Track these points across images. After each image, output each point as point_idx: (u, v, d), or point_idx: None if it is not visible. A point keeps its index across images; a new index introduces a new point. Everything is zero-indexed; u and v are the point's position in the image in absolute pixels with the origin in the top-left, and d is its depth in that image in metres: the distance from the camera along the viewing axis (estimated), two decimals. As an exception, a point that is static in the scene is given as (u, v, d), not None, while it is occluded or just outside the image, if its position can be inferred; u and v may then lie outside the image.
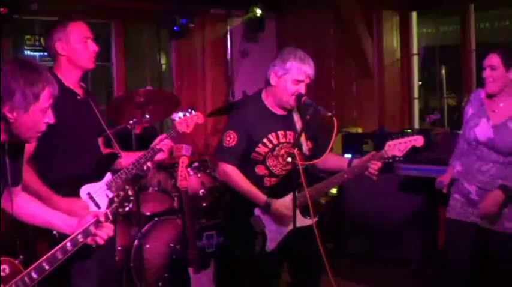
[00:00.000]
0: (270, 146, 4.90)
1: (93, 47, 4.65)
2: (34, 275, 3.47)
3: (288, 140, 4.93)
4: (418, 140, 4.85)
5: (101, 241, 3.68)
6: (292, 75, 4.79)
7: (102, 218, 3.66)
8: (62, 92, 4.26)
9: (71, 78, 4.61)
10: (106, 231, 3.67)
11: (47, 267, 3.50)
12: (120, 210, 3.76)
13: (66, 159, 4.52)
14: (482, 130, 5.18)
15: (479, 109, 5.26)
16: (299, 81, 4.80)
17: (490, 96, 5.21)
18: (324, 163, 5.06)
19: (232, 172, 4.91)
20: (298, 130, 4.89)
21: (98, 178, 4.60)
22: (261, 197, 4.84)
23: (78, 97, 4.65)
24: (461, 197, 5.33)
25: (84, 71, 4.69)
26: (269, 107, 4.96)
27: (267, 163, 4.93)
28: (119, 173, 4.67)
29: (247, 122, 4.92)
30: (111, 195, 4.49)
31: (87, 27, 4.70)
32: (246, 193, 4.87)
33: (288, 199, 4.75)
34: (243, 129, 4.89)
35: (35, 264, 3.48)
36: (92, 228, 3.63)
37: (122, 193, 3.78)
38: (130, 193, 3.81)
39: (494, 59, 5.10)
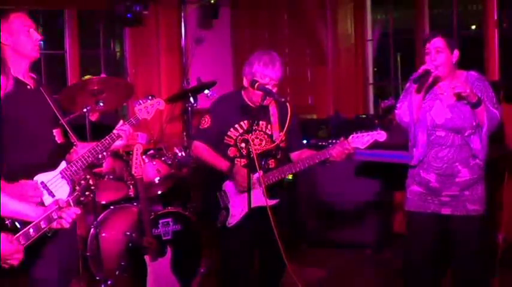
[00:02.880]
0: (241, 131, 5.35)
1: (36, 36, 4.66)
2: None
3: (259, 128, 5.39)
4: (381, 135, 5.13)
5: (66, 224, 3.75)
6: (257, 79, 5.19)
7: (63, 205, 3.74)
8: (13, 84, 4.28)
9: (19, 69, 4.60)
10: (70, 214, 3.74)
11: None
12: (82, 199, 3.86)
13: (20, 150, 4.49)
14: (438, 112, 5.18)
15: (431, 92, 5.25)
16: (264, 84, 5.17)
17: (436, 80, 5.20)
18: (299, 157, 5.47)
19: (201, 147, 5.45)
20: (272, 122, 5.39)
21: (52, 167, 4.57)
22: (225, 162, 5.34)
23: (28, 87, 4.64)
24: (420, 187, 5.32)
25: (30, 60, 4.69)
26: (246, 100, 5.43)
27: (238, 146, 5.36)
28: (74, 161, 4.63)
29: (222, 110, 5.46)
30: (66, 184, 4.51)
31: (29, 17, 4.71)
32: (212, 162, 5.40)
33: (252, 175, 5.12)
34: (217, 115, 5.43)
35: None
36: (54, 214, 3.69)
37: (83, 182, 3.84)
38: (91, 182, 3.92)
39: (439, 42, 5.11)
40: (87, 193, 3.87)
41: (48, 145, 4.68)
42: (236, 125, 5.37)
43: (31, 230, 3.59)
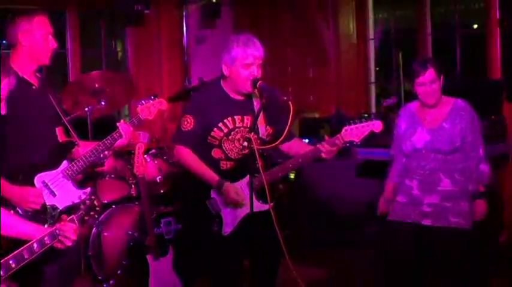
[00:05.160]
0: (225, 130, 4.91)
1: (53, 43, 4.68)
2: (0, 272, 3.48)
3: (245, 125, 4.94)
4: (376, 125, 4.73)
5: (68, 243, 3.78)
6: (240, 62, 4.80)
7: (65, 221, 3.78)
8: (17, 83, 4.30)
9: (26, 69, 4.63)
10: (71, 232, 3.77)
11: (13, 265, 3.53)
12: (86, 218, 3.86)
13: (22, 149, 4.50)
14: (418, 136, 5.19)
15: (412, 122, 5.28)
16: (249, 65, 4.81)
17: (430, 107, 5.22)
18: (289, 149, 5.11)
19: (186, 154, 4.94)
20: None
21: (54, 166, 4.58)
22: (214, 176, 4.85)
23: (33, 87, 4.65)
24: (404, 197, 5.30)
25: (40, 64, 4.71)
26: (227, 92, 4.97)
27: (223, 147, 4.94)
28: (75, 160, 4.63)
29: (203, 106, 4.95)
30: (67, 183, 4.51)
31: (50, 22, 4.72)
32: (199, 174, 4.90)
33: (239, 185, 4.83)
34: (199, 113, 4.92)
35: (1, 261, 3.49)
36: (57, 231, 3.71)
37: (88, 202, 3.84)
38: (96, 203, 3.92)
39: (431, 75, 5.09)
40: (91, 213, 3.88)
41: (51, 144, 4.70)
42: (220, 124, 4.91)
43: (35, 245, 3.62)
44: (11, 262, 3.51)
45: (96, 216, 3.95)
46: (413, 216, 5.22)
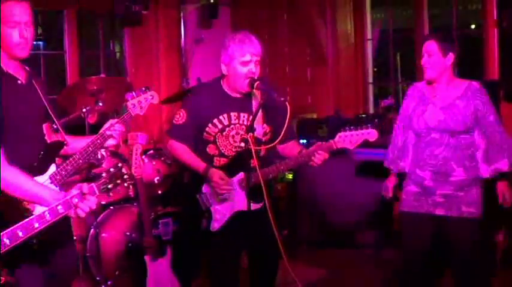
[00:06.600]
0: (220, 126, 4.92)
1: (26, 34, 4.17)
2: (6, 241, 3.31)
3: (241, 122, 4.94)
4: (371, 134, 4.69)
5: (81, 214, 3.54)
6: (237, 59, 4.79)
7: (85, 191, 3.52)
8: (2, 79, 4.10)
9: (8, 64, 4.23)
10: (88, 203, 3.52)
11: (21, 234, 3.37)
12: (110, 186, 3.64)
13: (7, 148, 3.94)
14: (431, 114, 5.18)
15: (421, 99, 5.28)
16: (247, 62, 4.80)
17: (429, 83, 5.23)
18: (283, 150, 5.11)
19: (176, 146, 5.03)
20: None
21: (41, 169, 4.23)
22: (201, 164, 4.90)
23: (19, 82, 4.27)
24: (415, 187, 5.29)
25: (18, 58, 4.25)
26: (226, 90, 4.96)
27: (218, 143, 4.95)
28: (64, 164, 4.31)
29: (199, 102, 4.98)
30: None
31: (24, 10, 4.20)
32: (188, 163, 4.99)
33: (232, 178, 4.83)
34: (193, 109, 4.96)
35: (8, 230, 3.32)
36: (74, 200, 3.49)
37: (112, 170, 3.67)
38: (124, 170, 3.69)
39: (430, 45, 5.10)
40: (118, 181, 3.65)
41: (38, 143, 4.32)
42: (215, 120, 4.90)
43: (47, 214, 3.42)
44: (18, 230, 3.34)
45: (125, 185, 3.68)
46: (425, 207, 5.23)
